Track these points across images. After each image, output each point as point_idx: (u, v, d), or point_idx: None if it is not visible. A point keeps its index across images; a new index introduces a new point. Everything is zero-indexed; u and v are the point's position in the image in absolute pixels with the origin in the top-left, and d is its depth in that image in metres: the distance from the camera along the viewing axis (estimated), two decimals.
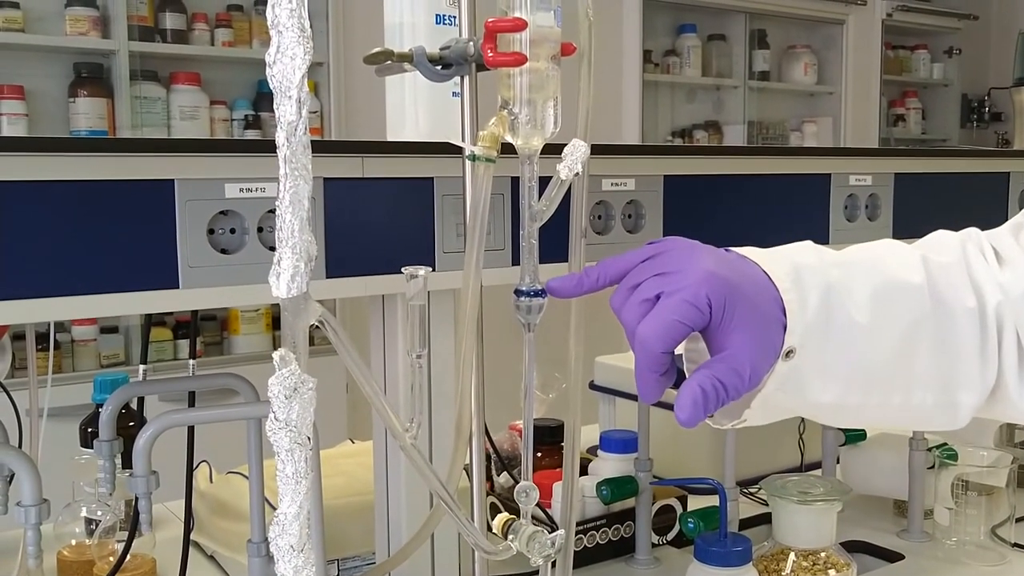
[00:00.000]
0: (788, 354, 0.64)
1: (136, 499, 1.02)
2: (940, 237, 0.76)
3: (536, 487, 0.67)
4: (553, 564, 0.73)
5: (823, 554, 1.02)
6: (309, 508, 0.56)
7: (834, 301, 0.66)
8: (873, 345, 0.67)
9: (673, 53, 4.69)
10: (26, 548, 0.80)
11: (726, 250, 0.69)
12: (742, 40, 4.80)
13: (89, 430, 1.33)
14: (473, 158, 0.62)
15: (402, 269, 0.63)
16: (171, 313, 3.23)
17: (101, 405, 1.34)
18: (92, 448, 1.33)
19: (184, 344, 3.17)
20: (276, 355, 0.54)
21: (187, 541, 1.09)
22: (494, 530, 0.67)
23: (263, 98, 3.36)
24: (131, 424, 1.22)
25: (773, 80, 5.01)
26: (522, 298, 0.65)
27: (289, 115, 0.53)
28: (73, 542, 1.34)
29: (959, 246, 0.73)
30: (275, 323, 3.29)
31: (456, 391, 0.68)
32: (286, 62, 0.53)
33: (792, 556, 1.02)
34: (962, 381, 0.69)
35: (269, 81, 0.54)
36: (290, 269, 0.54)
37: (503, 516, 0.67)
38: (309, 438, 0.55)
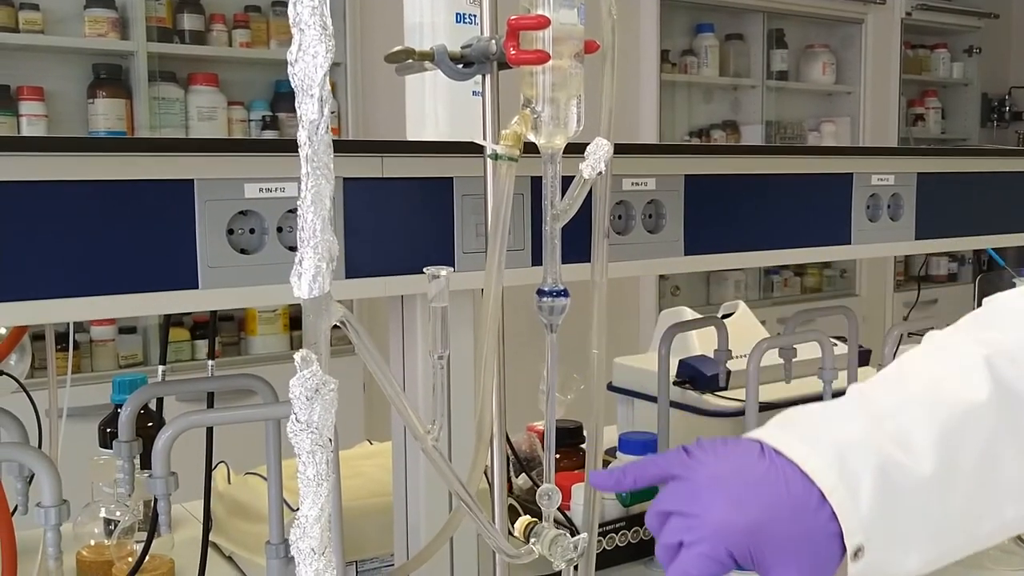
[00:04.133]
0: (857, 553, 0.59)
1: (155, 500, 1.02)
2: (1005, 308, 0.69)
3: (559, 490, 0.66)
4: (575, 568, 0.73)
5: None
6: (330, 511, 0.55)
7: (893, 472, 0.60)
8: (949, 488, 0.62)
9: (691, 53, 4.67)
10: (46, 549, 0.80)
11: (760, 449, 0.62)
12: (760, 40, 4.78)
13: (108, 430, 1.34)
14: (495, 157, 0.61)
15: (424, 269, 0.62)
16: (189, 313, 3.24)
17: (120, 405, 1.34)
18: (111, 448, 1.33)
19: (202, 344, 3.18)
20: (298, 356, 0.54)
21: (206, 542, 1.08)
22: (515, 533, 0.66)
23: (281, 99, 3.36)
24: (150, 424, 1.23)
25: (791, 80, 4.98)
26: (545, 298, 0.64)
27: (311, 114, 0.52)
28: (92, 542, 1.34)
29: None
30: (293, 323, 3.29)
31: (476, 392, 0.68)
32: (308, 60, 0.52)
33: None
34: None
35: (291, 80, 0.53)
36: (312, 269, 0.53)
37: (525, 519, 0.66)
38: (331, 440, 0.54)
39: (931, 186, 1.33)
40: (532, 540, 0.65)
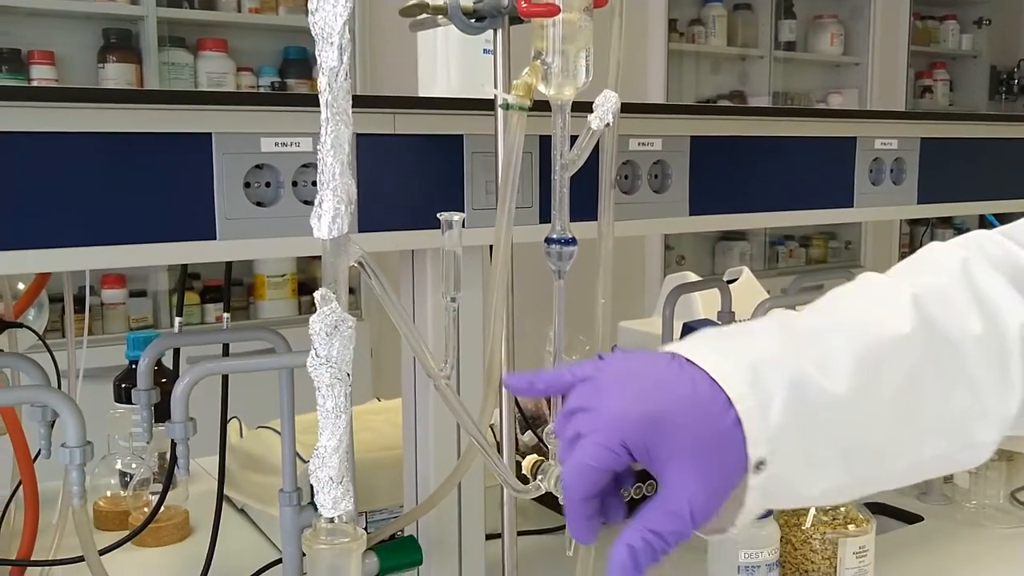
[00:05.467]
0: (759, 466, 0.58)
1: (172, 446, 1.05)
2: (935, 254, 0.68)
3: None
4: None
5: (843, 509, 1.04)
6: (348, 442, 0.58)
7: (807, 389, 0.59)
8: (864, 414, 0.60)
9: (699, 22, 4.66)
10: (70, 488, 0.83)
11: (672, 356, 0.61)
12: (768, 9, 4.77)
13: (123, 385, 1.37)
14: (507, 107, 0.63)
15: (438, 215, 0.65)
16: (199, 277, 3.27)
17: (134, 361, 1.38)
18: (126, 403, 1.37)
19: (212, 308, 3.22)
20: (317, 294, 0.56)
21: (221, 488, 1.11)
22: (523, 471, 0.69)
23: (289, 65, 3.37)
24: (163, 380, 1.25)
25: (799, 50, 4.97)
26: (553, 245, 0.66)
27: (331, 61, 0.55)
28: (108, 493, 1.38)
29: (959, 264, 0.65)
30: (301, 289, 3.33)
31: (486, 341, 0.70)
32: (328, 8, 0.54)
33: (812, 510, 1.04)
34: (977, 416, 0.62)
35: (311, 28, 0.55)
36: (331, 211, 0.56)
37: (532, 458, 0.69)
38: (348, 374, 0.57)
39: (934, 151, 1.34)
40: (539, 477, 0.68)
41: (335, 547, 0.58)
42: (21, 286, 1.32)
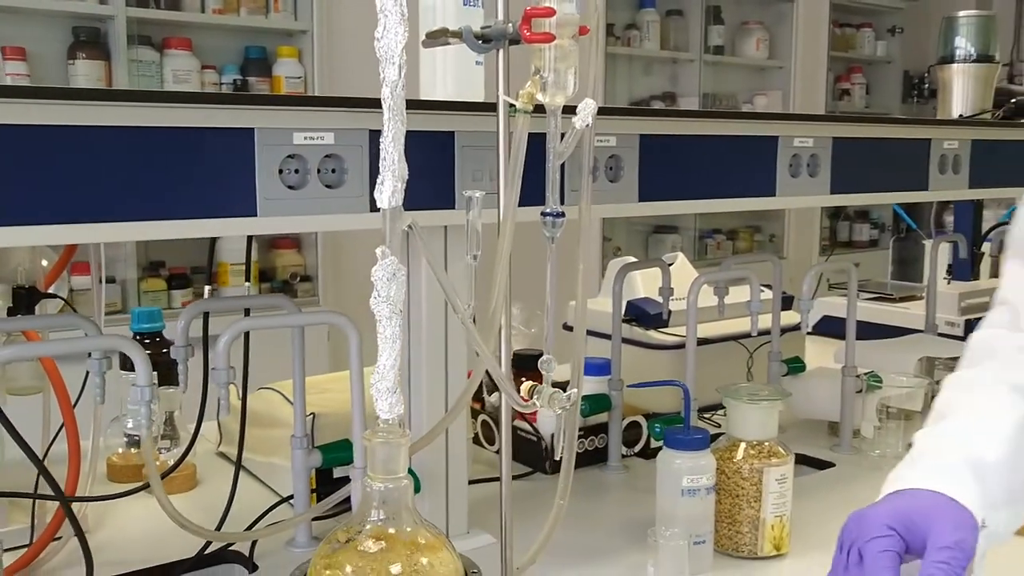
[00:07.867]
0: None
1: (203, 402, 1.22)
2: (990, 347, 1.01)
3: (554, 360, 0.89)
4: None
5: (767, 444, 1.25)
6: (399, 363, 0.76)
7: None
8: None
9: (633, 27, 4.90)
10: (139, 421, 1.00)
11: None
12: (698, 15, 5.03)
13: None
14: (514, 111, 0.83)
15: (464, 192, 0.84)
16: (164, 265, 3.40)
17: (138, 333, 1.54)
18: (132, 371, 1.53)
19: (177, 294, 3.36)
20: (378, 250, 0.75)
21: (243, 432, 1.28)
22: (521, 394, 0.88)
23: (250, 64, 3.51)
24: (164, 351, 1.42)
25: (727, 54, 5.25)
26: (548, 217, 0.86)
27: (392, 76, 0.74)
28: (120, 450, 1.54)
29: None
30: (261, 276, 3.47)
31: (493, 296, 0.88)
32: (390, 37, 0.73)
33: (743, 445, 1.24)
34: None
35: (376, 51, 0.74)
36: (390, 188, 0.75)
37: (528, 383, 0.88)
38: (401, 310, 0.76)
39: (844, 149, 1.56)
40: (535, 398, 0.87)
41: (390, 442, 0.76)
42: (45, 263, 1.48)
